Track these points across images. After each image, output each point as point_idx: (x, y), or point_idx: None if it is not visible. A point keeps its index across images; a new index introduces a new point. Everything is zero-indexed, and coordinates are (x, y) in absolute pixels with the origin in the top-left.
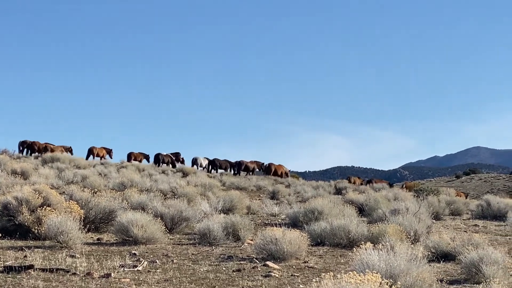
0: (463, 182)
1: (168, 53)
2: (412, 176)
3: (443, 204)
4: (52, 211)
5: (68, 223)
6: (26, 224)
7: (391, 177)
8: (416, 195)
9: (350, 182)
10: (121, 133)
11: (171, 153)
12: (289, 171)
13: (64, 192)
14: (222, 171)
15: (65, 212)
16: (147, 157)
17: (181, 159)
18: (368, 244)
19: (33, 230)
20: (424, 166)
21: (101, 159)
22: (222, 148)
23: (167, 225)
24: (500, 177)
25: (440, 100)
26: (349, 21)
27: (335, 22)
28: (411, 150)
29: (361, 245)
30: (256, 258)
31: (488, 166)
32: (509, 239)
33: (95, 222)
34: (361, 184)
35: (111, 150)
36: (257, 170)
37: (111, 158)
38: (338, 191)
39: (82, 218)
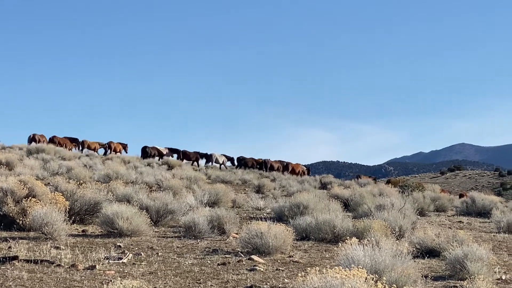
0: (447, 178)
1: (157, 45)
2: (397, 172)
3: (428, 200)
4: (37, 202)
5: (53, 215)
6: (10, 215)
7: (376, 173)
8: (401, 191)
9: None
10: (108, 126)
11: (168, 147)
12: (307, 168)
13: (49, 183)
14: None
15: (50, 203)
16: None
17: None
18: (353, 239)
19: (18, 221)
20: (409, 162)
21: (115, 153)
22: (207, 141)
23: (152, 218)
24: (485, 174)
25: (425, 96)
26: (335, 18)
27: (322, 18)
28: (396, 145)
29: (346, 240)
30: (241, 252)
31: (472, 163)
32: (494, 236)
33: (80, 213)
34: (374, 181)
35: (127, 145)
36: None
37: (126, 152)
38: (323, 186)
39: (67, 209)
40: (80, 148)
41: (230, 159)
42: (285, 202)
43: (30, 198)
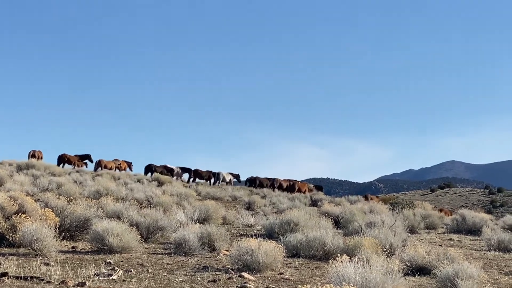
0: (437, 196)
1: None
2: (387, 189)
3: (418, 218)
4: (27, 218)
5: (43, 231)
6: (0, 231)
7: (366, 190)
8: (391, 208)
9: (366, 199)
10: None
11: (180, 167)
12: (313, 186)
13: (39, 199)
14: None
15: (40, 219)
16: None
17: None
18: (344, 256)
19: (8, 237)
20: (399, 179)
21: (121, 171)
22: (197, 158)
23: (142, 234)
24: (475, 192)
25: (416, 113)
26: (325, 33)
27: (313, 33)
28: (386, 163)
29: (337, 258)
30: (232, 269)
31: (462, 180)
32: (484, 253)
33: (70, 230)
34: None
35: (131, 163)
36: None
37: (131, 170)
38: (314, 203)
39: (57, 226)
40: (97, 167)
41: (236, 176)
42: (275, 219)
43: (20, 214)
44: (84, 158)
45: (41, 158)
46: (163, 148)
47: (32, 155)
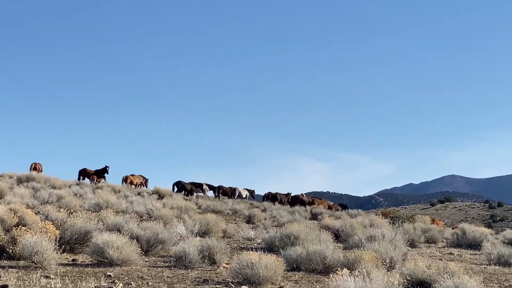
0: (437, 210)
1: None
2: (387, 203)
3: (418, 232)
4: (28, 231)
5: (43, 243)
6: (0, 243)
7: (366, 204)
8: (392, 222)
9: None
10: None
11: (207, 184)
12: (333, 204)
13: (39, 212)
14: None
15: (41, 232)
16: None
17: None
18: (344, 270)
19: (8, 249)
20: (399, 193)
21: (136, 187)
22: (199, 172)
23: (142, 247)
24: (475, 206)
25: (416, 128)
26: (327, 46)
27: (314, 47)
28: (386, 177)
29: (337, 271)
30: (232, 282)
31: (462, 194)
32: (484, 268)
33: (71, 242)
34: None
35: (147, 179)
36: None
37: (146, 187)
38: (314, 217)
39: (58, 238)
40: (123, 183)
41: (251, 192)
42: (276, 233)
43: (20, 226)
44: (103, 172)
45: (41, 170)
46: (159, 161)
47: (34, 168)
